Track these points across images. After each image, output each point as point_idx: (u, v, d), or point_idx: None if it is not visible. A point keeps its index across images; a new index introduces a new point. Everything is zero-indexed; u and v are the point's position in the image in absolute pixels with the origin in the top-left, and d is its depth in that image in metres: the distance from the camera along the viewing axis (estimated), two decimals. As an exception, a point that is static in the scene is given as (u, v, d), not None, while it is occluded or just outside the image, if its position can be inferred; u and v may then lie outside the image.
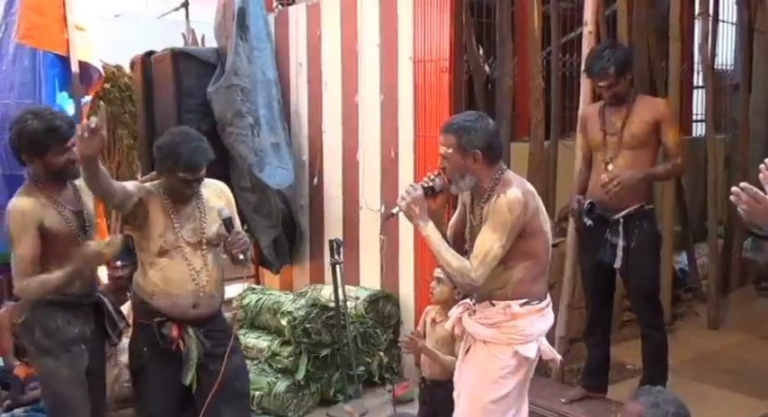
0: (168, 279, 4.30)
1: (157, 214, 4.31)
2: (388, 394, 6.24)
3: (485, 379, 3.87)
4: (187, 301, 4.30)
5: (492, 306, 3.87)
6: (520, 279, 3.82)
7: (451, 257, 3.74)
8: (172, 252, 4.29)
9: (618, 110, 5.20)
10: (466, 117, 3.91)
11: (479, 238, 3.73)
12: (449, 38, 6.17)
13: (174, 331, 4.29)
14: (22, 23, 7.61)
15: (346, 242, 6.77)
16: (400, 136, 6.59)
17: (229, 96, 7.02)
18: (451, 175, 3.81)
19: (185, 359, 4.31)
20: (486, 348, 3.90)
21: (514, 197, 3.70)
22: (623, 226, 5.15)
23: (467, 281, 3.70)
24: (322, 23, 7.30)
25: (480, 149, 3.76)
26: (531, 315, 3.87)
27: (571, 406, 5.51)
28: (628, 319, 6.81)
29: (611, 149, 5.19)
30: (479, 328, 3.92)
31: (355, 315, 6.54)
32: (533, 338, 3.88)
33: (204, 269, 4.34)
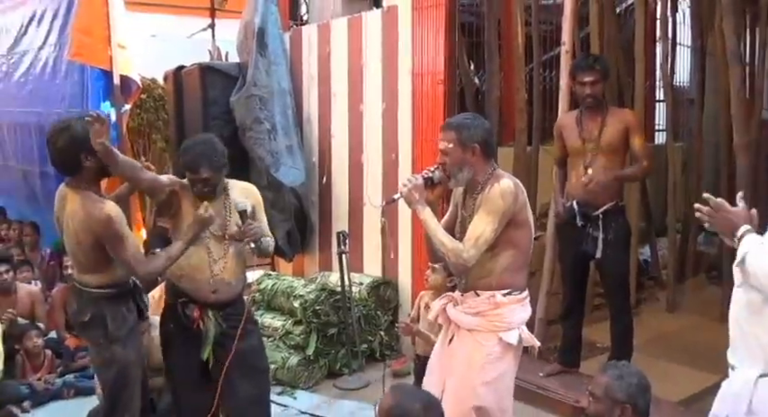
0: (192, 265, 4.13)
1: (188, 207, 4.14)
2: (388, 368, 6.07)
3: (473, 365, 3.66)
4: (207, 286, 4.13)
5: (477, 297, 3.68)
6: (504, 268, 3.62)
7: (446, 238, 3.56)
8: (198, 241, 4.09)
9: (593, 120, 5.14)
10: (465, 116, 3.77)
11: (472, 223, 3.57)
12: (443, 54, 6.07)
13: (196, 312, 4.15)
14: (73, 43, 7.75)
15: (351, 234, 6.70)
16: (400, 140, 6.49)
17: (249, 105, 6.92)
18: (451, 169, 3.63)
19: (204, 337, 4.16)
20: (471, 336, 3.69)
21: (507, 186, 3.55)
22: (602, 220, 5.12)
23: (459, 261, 3.51)
24: (331, 41, 7.19)
25: (478, 143, 3.60)
26: (513, 305, 3.66)
27: (548, 379, 5.48)
28: (598, 304, 6.75)
29: (590, 154, 5.14)
30: (465, 317, 3.72)
31: (359, 299, 6.44)
32: (515, 325, 3.67)
33: (224, 260, 4.16)
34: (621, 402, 2.99)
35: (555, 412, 5.24)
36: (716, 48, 7.14)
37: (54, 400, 5.87)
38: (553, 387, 5.37)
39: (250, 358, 4.25)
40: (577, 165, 5.22)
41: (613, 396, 3.00)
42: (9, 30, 9.74)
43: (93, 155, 3.89)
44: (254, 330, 4.39)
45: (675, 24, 8.67)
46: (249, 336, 4.28)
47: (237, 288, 4.26)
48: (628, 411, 2.98)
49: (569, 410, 5.12)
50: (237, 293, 4.26)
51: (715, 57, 7.32)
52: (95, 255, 3.98)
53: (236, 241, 4.18)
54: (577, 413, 4.94)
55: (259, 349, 4.41)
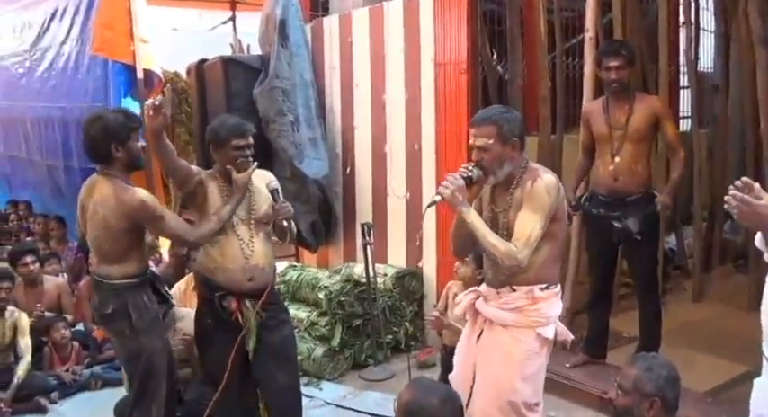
0: (224, 254, 4.13)
1: (215, 194, 4.16)
2: (413, 359, 6.14)
3: (511, 361, 3.55)
4: (242, 275, 4.12)
5: (513, 292, 3.55)
6: (543, 261, 3.50)
7: (498, 241, 3.42)
8: (227, 229, 4.11)
9: (620, 106, 5.07)
10: (499, 109, 3.60)
11: (520, 222, 3.43)
12: (466, 43, 6.02)
13: (234, 304, 4.13)
14: (96, 38, 7.88)
15: (376, 225, 6.64)
16: (423, 130, 6.45)
17: (272, 97, 6.90)
18: (491, 165, 3.46)
19: (246, 329, 4.15)
20: (507, 332, 3.58)
21: (550, 181, 3.44)
22: (633, 208, 5.05)
23: (514, 263, 3.39)
24: (353, 32, 7.15)
25: (518, 137, 3.46)
26: (551, 299, 3.57)
27: (574, 370, 5.44)
28: (624, 293, 6.70)
29: (617, 142, 5.07)
30: (501, 313, 3.60)
31: (384, 290, 6.41)
32: (552, 320, 3.59)
33: (255, 244, 4.16)
34: (650, 395, 2.93)
35: (581, 403, 5.19)
36: (740, 33, 7.04)
37: (81, 391, 5.93)
38: (579, 378, 5.33)
39: (284, 348, 4.27)
40: (604, 153, 5.16)
41: (642, 389, 2.94)
42: (32, 26, 9.83)
43: (123, 145, 4.00)
44: (287, 320, 4.41)
45: (699, 9, 8.51)
46: (283, 326, 4.31)
47: (270, 274, 4.25)
48: (657, 404, 2.92)
49: (596, 401, 5.08)
50: (271, 280, 4.25)
51: (739, 41, 7.21)
52: (125, 241, 4.04)
53: (264, 225, 4.19)
54: (604, 404, 4.87)
55: (292, 339, 4.43)
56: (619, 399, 3.03)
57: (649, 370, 2.97)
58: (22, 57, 10.25)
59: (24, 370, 5.72)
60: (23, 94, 10.39)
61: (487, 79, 7.08)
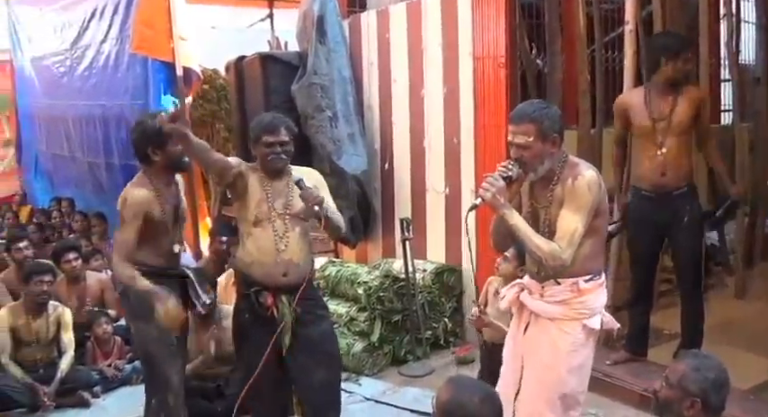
0: (260, 248, 4.12)
1: (255, 186, 4.15)
2: (452, 355, 6.23)
3: (558, 353, 3.52)
4: (277, 269, 4.10)
5: (557, 285, 3.50)
6: (586, 255, 3.44)
7: (541, 242, 3.37)
8: (264, 222, 4.12)
9: (665, 98, 4.97)
10: (538, 105, 3.49)
11: (563, 220, 3.38)
12: (504, 36, 5.97)
13: (269, 299, 4.12)
14: (136, 36, 7.92)
15: (414, 220, 6.66)
16: (462, 124, 6.41)
17: (310, 93, 6.95)
18: (531, 163, 3.39)
19: (280, 324, 4.14)
20: (553, 324, 3.54)
21: (592, 177, 3.36)
22: (680, 202, 5.01)
23: (558, 263, 3.35)
24: (390, 27, 7.13)
25: (558, 133, 3.39)
26: (596, 290, 3.51)
27: (615, 367, 5.38)
28: (665, 290, 6.62)
29: (661, 135, 4.96)
30: (546, 306, 3.56)
31: (423, 286, 6.39)
32: (598, 311, 3.54)
33: (289, 239, 4.13)
34: (693, 394, 2.86)
35: (622, 400, 5.15)
36: (781, 26, 6.98)
37: (123, 385, 6.01)
38: (620, 375, 5.28)
39: (322, 343, 4.25)
40: (647, 147, 5.04)
41: (686, 387, 2.87)
42: (72, 25, 9.93)
43: (161, 149, 4.20)
44: (325, 315, 4.39)
45: (740, 0, 8.43)
46: (321, 321, 4.28)
47: (306, 270, 4.22)
48: (697, 405, 2.84)
49: (636, 398, 5.03)
50: (306, 276, 4.23)
51: (781, 34, 7.15)
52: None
53: (301, 220, 4.16)
54: (645, 402, 4.84)
55: (330, 334, 4.40)
56: (662, 391, 2.97)
57: (697, 370, 2.90)
58: (63, 57, 10.35)
59: (67, 365, 5.79)
60: (64, 93, 10.51)
61: (526, 73, 7.03)
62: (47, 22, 10.90)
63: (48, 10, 10.82)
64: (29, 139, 12.92)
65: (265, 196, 4.13)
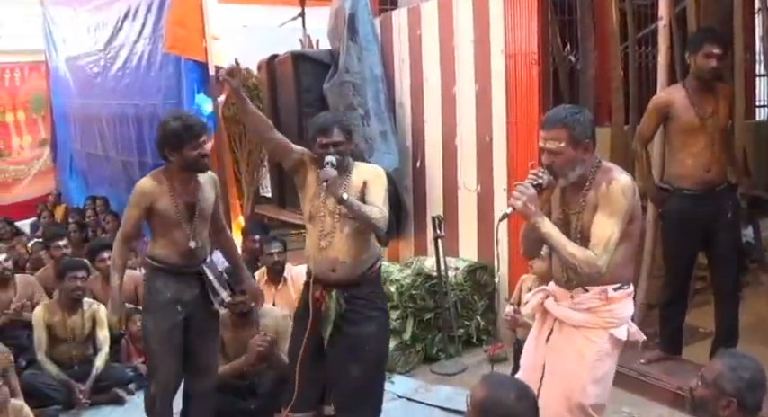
0: (310, 244, 4.24)
1: (312, 180, 4.22)
2: (485, 353, 6.18)
3: (583, 363, 3.47)
4: (324, 265, 4.17)
5: (585, 292, 3.45)
6: (617, 262, 3.37)
7: (576, 249, 3.30)
8: (316, 218, 4.17)
9: (705, 96, 4.94)
10: (569, 110, 3.42)
11: (597, 226, 3.32)
12: (537, 33, 5.96)
13: (318, 292, 4.20)
14: (169, 36, 8.07)
15: (446, 218, 6.65)
16: (494, 122, 6.40)
17: (342, 91, 7.00)
18: (562, 169, 3.34)
19: (324, 317, 4.20)
20: (579, 333, 3.49)
21: (626, 182, 3.30)
22: (723, 197, 5.02)
23: (594, 270, 3.28)
24: (422, 24, 7.14)
25: (590, 138, 3.33)
26: (624, 299, 3.46)
27: (650, 366, 5.34)
28: (699, 287, 6.47)
29: (710, 132, 4.93)
30: (573, 314, 3.50)
31: (455, 284, 6.39)
32: (625, 321, 3.49)
33: (333, 237, 4.16)
34: (728, 394, 2.84)
35: (656, 399, 5.12)
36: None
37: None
38: (655, 374, 5.25)
39: (364, 344, 4.23)
40: (693, 144, 4.96)
41: (721, 386, 2.85)
42: (106, 25, 10.03)
43: (176, 151, 4.31)
44: (376, 317, 4.31)
45: (776, -6, 8.33)
46: (369, 322, 4.24)
47: (357, 268, 4.20)
48: (732, 405, 2.83)
49: (671, 397, 5.00)
50: (357, 274, 4.21)
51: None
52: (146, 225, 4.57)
53: (349, 219, 4.14)
54: (679, 401, 4.82)
55: (377, 336, 4.33)
56: (698, 389, 2.96)
57: (733, 370, 2.88)
58: (97, 57, 10.48)
59: (102, 362, 5.86)
60: (98, 93, 10.63)
61: (558, 70, 7.01)
62: (81, 23, 11.04)
63: (82, 10, 10.95)
64: (64, 139, 13.09)
65: (318, 191, 4.17)
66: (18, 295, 6.51)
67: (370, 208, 4.06)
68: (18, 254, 8.50)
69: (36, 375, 5.69)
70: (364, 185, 4.16)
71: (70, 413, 5.62)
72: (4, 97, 13.61)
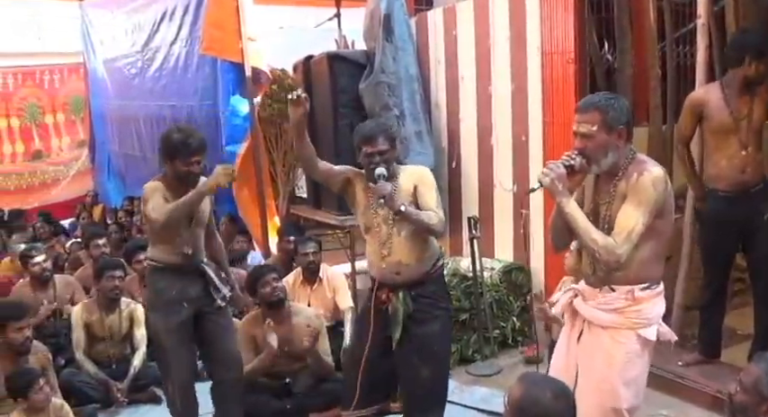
0: (372, 253, 4.31)
1: (361, 194, 4.30)
2: (520, 354, 6.21)
3: (613, 365, 3.44)
4: (389, 270, 4.23)
5: (612, 292, 3.42)
6: (644, 260, 3.35)
7: (597, 234, 3.29)
8: (372, 229, 4.25)
9: (741, 97, 4.89)
10: (605, 95, 3.46)
11: (622, 215, 3.29)
12: (573, 31, 5.96)
13: (384, 293, 4.26)
14: (205, 37, 8.11)
15: (482, 218, 6.65)
16: (530, 121, 6.40)
17: (378, 92, 6.99)
18: (594, 154, 3.34)
19: (392, 318, 4.25)
20: (607, 333, 3.46)
21: (658, 174, 3.27)
22: (758, 199, 4.95)
23: (613, 258, 3.25)
24: (457, 23, 7.15)
25: (625, 125, 3.32)
26: (653, 299, 3.42)
27: (688, 368, 5.28)
28: (738, 289, 6.36)
29: (744, 133, 4.89)
30: (599, 314, 3.47)
31: (491, 284, 6.39)
32: (654, 321, 3.43)
33: (392, 243, 4.21)
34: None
35: (694, 402, 5.07)
36: None
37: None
38: (693, 377, 5.19)
39: (431, 343, 4.28)
40: (727, 145, 4.94)
41: (761, 391, 2.84)
42: (143, 27, 10.14)
43: (168, 162, 4.47)
44: (440, 315, 4.35)
45: (820, -8, 8.20)
46: (433, 321, 4.29)
47: (421, 268, 4.24)
48: None
49: (709, 400, 4.95)
50: (422, 274, 4.25)
51: None
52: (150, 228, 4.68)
53: (404, 223, 4.18)
54: (718, 404, 4.77)
55: (442, 334, 4.38)
56: (737, 395, 2.94)
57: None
58: (134, 58, 10.60)
59: (140, 361, 5.93)
60: (136, 94, 10.76)
61: (595, 69, 6.95)
62: (118, 25, 11.17)
63: (119, 13, 11.09)
64: (102, 140, 13.26)
65: (368, 203, 4.23)
66: (57, 295, 6.61)
67: (426, 214, 4.12)
68: (57, 254, 8.62)
69: (74, 373, 5.77)
70: (415, 189, 4.21)
71: (108, 412, 5.70)
72: (44, 99, 13.83)
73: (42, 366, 4.94)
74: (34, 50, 13.62)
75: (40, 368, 4.86)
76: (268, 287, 5.25)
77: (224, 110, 8.10)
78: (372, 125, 4.29)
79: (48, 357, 5.16)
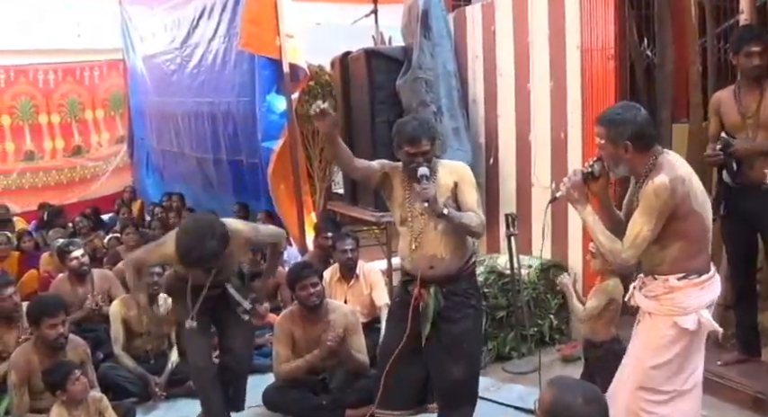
0: (407, 245, 4.31)
1: (398, 187, 4.33)
2: (557, 352, 6.19)
3: (647, 347, 3.67)
4: (422, 263, 4.25)
5: (654, 280, 3.66)
6: (675, 257, 3.56)
7: (605, 239, 3.60)
8: (409, 221, 4.27)
9: (752, 93, 4.92)
10: (616, 109, 3.68)
11: (631, 221, 3.55)
12: (613, 28, 5.93)
13: (416, 289, 4.27)
14: (243, 34, 8.17)
15: (520, 215, 6.63)
16: (569, 118, 6.36)
17: (415, 88, 6.99)
18: (608, 162, 3.63)
19: (422, 313, 4.27)
20: (650, 319, 3.69)
21: (660, 183, 3.43)
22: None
23: (618, 261, 3.60)
24: (496, 19, 7.12)
25: (630, 140, 3.51)
26: (688, 289, 3.56)
27: (727, 368, 5.22)
28: None
29: (751, 130, 4.92)
30: (644, 300, 3.72)
31: (528, 282, 6.36)
32: (692, 310, 3.56)
33: (425, 236, 4.24)
34: None
35: (734, 402, 5.02)
36: None
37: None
38: (733, 376, 5.13)
39: (461, 342, 4.29)
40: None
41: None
42: (182, 23, 10.21)
43: None
44: (471, 314, 4.37)
45: None
46: (464, 320, 4.30)
47: (454, 263, 4.26)
48: None
49: (750, 400, 4.91)
50: (455, 270, 4.27)
51: None
52: None
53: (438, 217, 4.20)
54: (759, 405, 4.78)
55: (472, 332, 4.39)
56: None
57: None
58: (174, 55, 10.68)
59: (177, 355, 5.98)
60: (174, 90, 10.84)
61: (635, 65, 6.89)
62: (158, 21, 11.26)
63: (159, 9, 11.17)
64: (140, 136, 13.38)
65: (406, 196, 4.26)
66: (95, 289, 6.69)
67: (468, 216, 4.15)
68: (95, 248, 8.72)
69: (113, 368, 5.82)
70: (455, 186, 4.23)
71: (146, 406, 5.73)
72: (84, 95, 13.96)
73: (81, 360, 4.98)
74: (74, 47, 13.79)
75: (79, 362, 4.91)
76: (305, 291, 5.25)
77: (260, 106, 8.13)
78: (415, 125, 4.25)
79: (86, 351, 5.20)
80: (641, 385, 3.64)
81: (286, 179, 8.06)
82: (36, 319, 4.92)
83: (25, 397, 4.92)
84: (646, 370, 3.63)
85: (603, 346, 4.50)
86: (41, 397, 4.91)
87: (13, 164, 13.47)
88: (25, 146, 13.52)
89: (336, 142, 4.19)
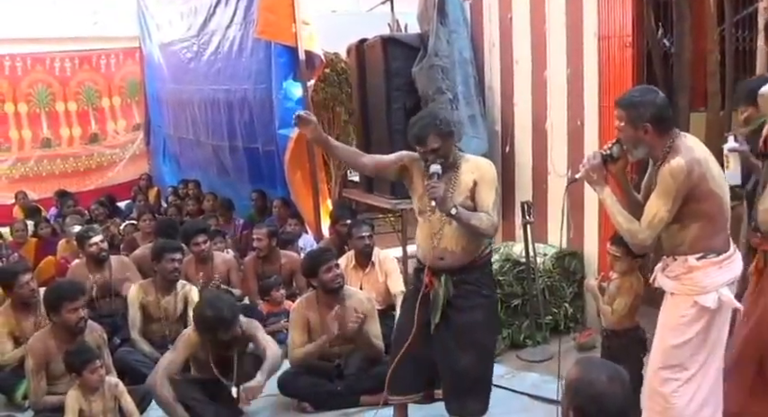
0: (422, 237, 4.35)
1: (418, 179, 4.34)
2: (573, 341, 6.16)
3: (666, 326, 3.75)
4: (434, 254, 4.27)
5: (674, 261, 3.72)
6: (696, 237, 3.62)
7: (623, 219, 3.67)
8: (426, 213, 4.29)
9: None
10: (635, 92, 3.76)
11: (648, 203, 3.64)
12: (631, 15, 5.86)
13: (427, 276, 4.30)
14: (260, 21, 8.16)
15: (535, 203, 6.59)
16: (586, 106, 6.31)
17: (431, 75, 6.95)
18: (627, 144, 3.68)
19: (432, 301, 4.29)
20: (672, 299, 3.76)
21: (676, 164, 3.50)
22: None
23: (635, 242, 3.68)
24: (513, 7, 7.06)
25: (650, 122, 3.57)
26: (708, 268, 3.62)
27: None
28: None
29: None
30: (666, 281, 3.77)
31: (543, 270, 6.37)
32: (712, 289, 3.61)
33: (443, 232, 4.24)
34: None
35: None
36: None
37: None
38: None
39: (470, 332, 4.28)
40: None
41: None
42: (198, 11, 10.22)
43: None
44: (482, 304, 4.35)
45: None
46: (475, 310, 4.29)
47: (465, 256, 4.25)
48: None
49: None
50: (466, 261, 4.27)
51: None
52: None
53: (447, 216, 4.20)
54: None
55: (483, 323, 4.35)
56: None
57: None
58: (190, 42, 10.70)
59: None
60: (191, 78, 10.87)
61: (653, 53, 6.84)
62: (174, 9, 11.28)
63: (176, -3, 11.19)
64: (157, 123, 13.43)
65: (424, 191, 4.22)
66: (113, 275, 6.72)
67: (478, 217, 4.14)
68: (112, 235, 8.77)
69: (130, 352, 5.85)
70: (474, 185, 4.21)
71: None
72: (101, 82, 14.02)
73: (97, 345, 5.02)
74: (91, 35, 13.85)
75: (96, 346, 4.94)
76: (330, 273, 5.27)
77: (277, 93, 8.13)
78: (421, 124, 4.20)
79: (103, 336, 5.24)
80: (664, 364, 3.70)
81: (302, 166, 8.05)
82: (56, 304, 4.94)
83: (42, 382, 4.97)
84: (667, 349, 3.69)
85: (628, 334, 4.51)
86: (58, 382, 4.96)
87: (31, 152, 13.57)
88: (42, 134, 13.62)
89: (329, 145, 4.26)
